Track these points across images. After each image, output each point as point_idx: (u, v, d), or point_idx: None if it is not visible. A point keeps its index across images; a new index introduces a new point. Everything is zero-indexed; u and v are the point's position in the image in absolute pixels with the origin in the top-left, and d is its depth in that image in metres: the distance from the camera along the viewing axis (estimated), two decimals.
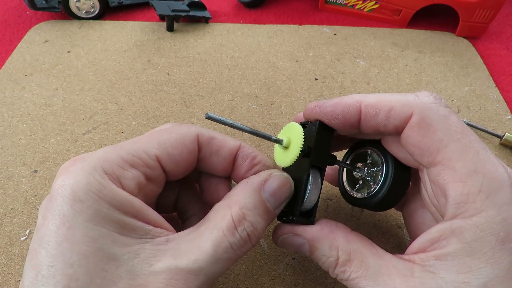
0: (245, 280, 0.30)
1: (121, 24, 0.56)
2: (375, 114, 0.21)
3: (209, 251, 0.19)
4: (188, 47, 0.52)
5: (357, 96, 0.22)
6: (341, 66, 0.50)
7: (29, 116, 0.42)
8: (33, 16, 0.58)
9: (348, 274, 0.21)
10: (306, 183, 0.23)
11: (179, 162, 0.22)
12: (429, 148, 0.20)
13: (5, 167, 0.37)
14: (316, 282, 0.30)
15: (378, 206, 0.25)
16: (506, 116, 0.44)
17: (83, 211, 0.17)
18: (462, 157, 0.19)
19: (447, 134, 0.19)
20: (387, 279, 0.20)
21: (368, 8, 0.58)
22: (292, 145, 0.23)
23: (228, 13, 0.60)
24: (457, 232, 0.18)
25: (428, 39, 0.55)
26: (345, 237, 0.22)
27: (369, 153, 0.27)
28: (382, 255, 0.21)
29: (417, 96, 0.21)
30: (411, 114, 0.20)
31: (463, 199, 0.18)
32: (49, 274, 0.16)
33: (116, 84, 0.47)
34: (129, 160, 0.20)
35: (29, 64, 0.49)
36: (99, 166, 0.19)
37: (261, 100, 0.45)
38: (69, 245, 0.17)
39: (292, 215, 0.23)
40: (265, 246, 0.32)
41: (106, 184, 0.18)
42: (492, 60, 0.52)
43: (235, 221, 0.20)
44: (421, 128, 0.20)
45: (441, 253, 0.19)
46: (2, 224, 0.33)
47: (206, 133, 0.23)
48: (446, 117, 0.20)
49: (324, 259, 0.22)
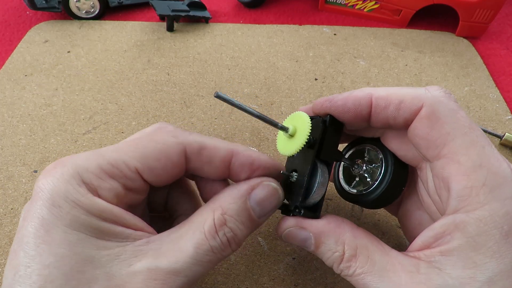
0: (245, 280, 0.30)
1: (121, 24, 0.56)
2: (385, 106, 0.21)
3: (190, 253, 0.19)
4: (188, 47, 0.52)
5: (368, 89, 0.22)
6: (341, 66, 0.50)
7: (29, 116, 0.42)
8: (33, 16, 0.58)
9: (353, 270, 0.21)
10: (314, 176, 0.23)
11: (161, 174, 0.21)
12: (435, 141, 0.20)
13: (5, 167, 0.37)
14: (316, 282, 0.30)
15: (375, 202, 0.25)
16: (506, 116, 0.44)
17: (61, 216, 0.17)
18: (467, 151, 0.19)
19: (455, 128, 0.19)
20: (392, 275, 0.19)
21: (368, 8, 0.58)
22: (298, 134, 0.23)
23: (228, 13, 0.60)
24: (460, 226, 0.18)
25: (428, 39, 0.55)
26: (351, 232, 0.22)
27: (367, 150, 0.27)
28: (388, 251, 0.21)
29: (427, 90, 0.21)
30: (421, 106, 0.20)
31: (466, 192, 0.18)
32: (25, 274, 0.17)
33: (116, 84, 0.47)
34: (107, 170, 0.19)
35: (29, 64, 0.49)
36: (77, 175, 0.19)
37: (261, 100, 0.45)
38: (46, 247, 0.17)
39: (298, 208, 0.23)
40: (265, 246, 0.32)
41: (84, 193, 0.18)
42: (492, 60, 0.52)
43: (216, 225, 0.20)
44: (429, 120, 0.20)
45: (446, 249, 0.19)
46: (2, 224, 0.33)
47: (195, 143, 0.22)
48: (455, 111, 0.20)
49: (329, 254, 0.22)
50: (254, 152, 0.24)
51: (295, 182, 0.24)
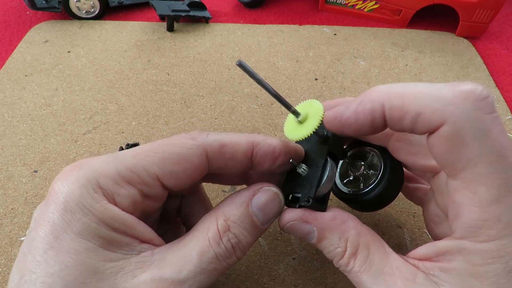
0: (245, 280, 0.30)
1: (121, 24, 0.56)
2: (400, 118, 0.18)
3: (194, 261, 0.19)
4: (188, 47, 0.52)
5: (378, 95, 0.19)
6: (341, 66, 0.50)
7: (29, 116, 0.42)
8: (33, 16, 0.58)
9: (351, 267, 0.21)
10: (324, 168, 0.23)
11: (181, 178, 0.21)
12: (454, 164, 0.17)
13: (5, 167, 0.37)
14: (317, 283, 0.30)
15: (361, 206, 0.25)
16: (506, 116, 0.44)
17: (72, 223, 0.17)
18: (488, 181, 0.17)
19: (480, 154, 0.17)
20: (388, 279, 0.20)
21: (368, 8, 0.58)
22: (308, 122, 0.22)
23: (228, 13, 0.60)
24: (464, 253, 0.18)
25: (428, 39, 0.55)
26: (355, 230, 0.22)
27: (371, 155, 0.27)
28: (389, 254, 0.21)
29: (454, 95, 0.17)
30: (443, 122, 0.17)
31: (478, 225, 0.17)
32: (30, 280, 0.17)
33: (116, 84, 0.47)
34: (126, 176, 0.19)
35: (29, 64, 0.49)
36: (94, 179, 0.18)
37: (261, 100, 0.45)
38: (53, 253, 0.17)
39: (311, 198, 0.22)
40: (265, 246, 0.32)
41: (99, 199, 0.18)
42: (492, 60, 0.52)
43: (220, 231, 0.20)
44: (450, 142, 0.17)
45: (446, 267, 0.19)
46: (2, 224, 0.33)
47: (215, 142, 0.21)
48: (486, 132, 0.16)
49: (331, 249, 0.22)
50: (273, 140, 0.23)
51: (304, 174, 0.23)
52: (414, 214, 0.34)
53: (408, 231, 0.33)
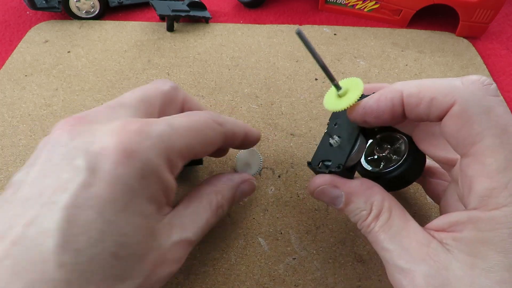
0: (246, 280, 0.30)
1: (121, 24, 0.56)
2: (416, 104, 0.21)
3: (203, 226, 0.25)
4: (188, 47, 0.52)
5: (398, 86, 0.22)
6: (341, 66, 0.50)
7: (29, 116, 0.42)
8: (33, 16, 0.58)
9: (372, 227, 0.23)
10: (355, 141, 0.25)
11: (204, 155, 0.25)
12: (464, 140, 0.20)
13: (5, 167, 0.37)
14: (317, 283, 0.30)
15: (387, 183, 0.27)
16: None
17: (145, 189, 0.20)
18: (494, 153, 0.19)
19: (486, 128, 0.19)
20: (404, 240, 0.21)
21: (368, 8, 0.58)
22: (347, 96, 0.24)
23: (228, 13, 0.60)
24: (473, 220, 0.19)
25: (428, 39, 0.55)
26: (381, 195, 0.24)
27: (400, 141, 0.29)
28: (408, 220, 0.23)
29: (462, 83, 0.20)
30: (453, 103, 0.19)
31: (487, 193, 0.19)
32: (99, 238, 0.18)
33: (117, 84, 0.47)
34: (183, 152, 0.23)
35: (29, 64, 0.49)
36: (165, 152, 0.21)
37: (261, 100, 0.45)
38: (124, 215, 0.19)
39: (338, 165, 0.25)
40: (265, 246, 0.32)
41: (166, 171, 0.21)
42: (492, 60, 0.52)
43: (218, 206, 0.26)
44: (460, 119, 0.19)
45: (458, 236, 0.20)
46: None
47: (230, 132, 0.26)
48: (490, 109, 0.19)
49: (357, 212, 0.24)
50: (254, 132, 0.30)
51: (336, 145, 0.26)
52: (414, 214, 0.34)
53: None
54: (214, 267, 0.31)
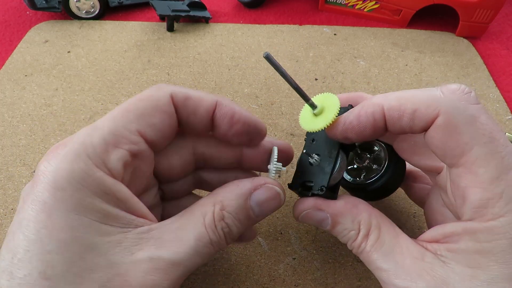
0: (246, 280, 0.30)
1: (121, 24, 0.56)
2: (399, 117, 0.20)
3: (191, 245, 0.19)
4: (188, 47, 0.52)
5: (378, 99, 0.21)
6: (341, 66, 0.50)
7: (29, 116, 0.42)
8: (33, 16, 0.58)
9: (363, 247, 0.22)
10: (336, 159, 0.24)
11: (161, 129, 0.21)
12: (452, 151, 0.19)
13: (5, 167, 0.37)
14: (317, 283, 0.30)
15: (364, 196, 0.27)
16: (506, 116, 0.44)
17: (64, 200, 0.17)
18: (486, 162, 0.18)
19: (473, 138, 0.19)
20: (398, 257, 0.20)
21: (368, 8, 0.58)
22: (324, 115, 0.23)
23: (228, 13, 0.60)
24: (470, 231, 0.19)
25: (428, 39, 0.55)
26: (367, 212, 0.23)
27: (378, 149, 0.28)
28: (398, 235, 0.22)
29: (442, 93, 0.20)
30: (437, 114, 0.19)
31: (482, 204, 0.19)
32: (25, 258, 0.16)
33: (116, 84, 0.47)
34: (112, 140, 0.19)
35: (29, 64, 0.49)
36: (82, 152, 0.18)
37: (262, 100, 0.45)
38: (48, 232, 0.16)
39: (320, 187, 0.24)
40: (265, 246, 0.32)
41: (90, 171, 0.18)
42: (492, 60, 0.52)
43: (216, 220, 0.21)
44: (446, 130, 0.19)
45: (453, 247, 0.19)
46: (2, 224, 0.33)
47: (180, 93, 0.22)
48: (475, 118, 0.19)
49: (345, 232, 0.23)
50: (237, 106, 0.23)
51: (316, 164, 0.25)
52: (414, 214, 0.34)
53: (408, 231, 0.33)
54: (214, 267, 0.31)
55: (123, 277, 0.17)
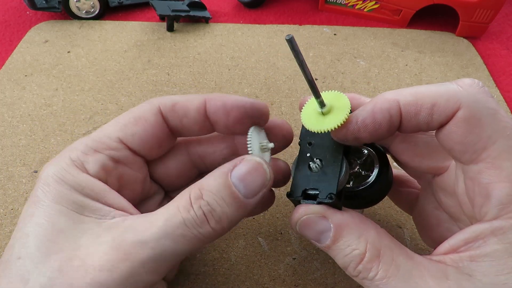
0: (246, 280, 0.30)
1: (121, 24, 0.56)
2: (416, 112, 0.19)
3: (159, 225, 0.18)
4: (188, 47, 0.52)
5: (391, 95, 0.20)
6: (341, 66, 0.50)
7: (29, 116, 0.42)
8: (33, 16, 0.58)
9: (374, 273, 0.19)
10: (342, 162, 0.22)
11: (145, 138, 0.22)
12: (474, 145, 0.18)
13: (5, 167, 0.37)
14: (317, 283, 0.30)
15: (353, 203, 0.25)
16: None
17: (48, 192, 0.19)
18: (510, 156, 0.17)
19: (496, 131, 0.18)
20: (419, 281, 0.18)
21: (368, 8, 0.58)
22: (333, 116, 0.21)
23: (228, 13, 0.60)
24: (498, 232, 0.17)
25: (428, 39, 0.55)
26: (376, 230, 0.20)
27: (366, 153, 0.26)
28: (412, 255, 0.19)
29: (460, 86, 0.19)
30: (458, 108, 0.18)
31: (509, 200, 0.17)
32: (11, 243, 0.19)
33: (116, 84, 0.47)
34: (92, 145, 0.21)
35: (29, 64, 0.49)
36: (66, 156, 0.21)
37: (261, 100, 0.45)
38: (31, 219, 0.19)
39: (329, 194, 0.21)
40: (265, 246, 0.32)
41: (70, 169, 0.20)
42: (492, 60, 0.52)
43: (192, 199, 0.19)
44: (468, 123, 0.18)
45: (477, 254, 0.18)
46: (2, 224, 0.33)
47: (168, 101, 0.23)
48: (495, 111, 0.18)
49: (348, 251, 0.19)
50: (228, 95, 0.23)
51: (316, 170, 0.22)
52: None
53: (408, 231, 0.33)
54: (214, 267, 0.31)
55: (81, 257, 0.18)
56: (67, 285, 0.17)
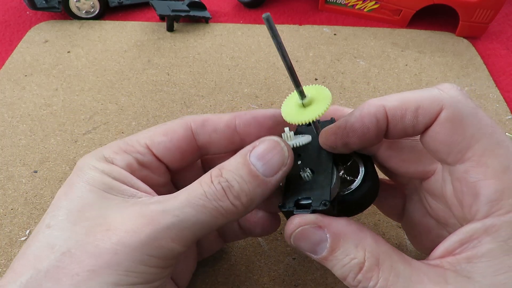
0: (245, 280, 0.30)
1: (121, 24, 0.56)
2: (402, 116, 0.19)
3: (181, 197, 0.20)
4: (188, 47, 0.52)
5: (377, 101, 0.20)
6: (341, 66, 0.50)
7: (29, 116, 0.42)
8: (33, 16, 0.58)
9: (374, 282, 0.18)
10: (333, 170, 0.22)
11: (170, 147, 0.24)
12: (458, 145, 0.18)
13: (5, 167, 0.37)
14: (317, 283, 0.30)
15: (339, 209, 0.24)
16: (506, 116, 0.44)
17: (82, 176, 0.21)
18: (494, 152, 0.18)
19: (479, 129, 0.18)
20: None
21: (368, 8, 0.58)
22: (313, 107, 0.20)
23: (228, 13, 0.60)
24: (491, 230, 0.17)
25: (428, 39, 0.55)
26: (373, 238, 0.19)
27: (351, 159, 0.25)
28: (410, 261, 0.19)
29: (442, 90, 0.19)
30: (441, 109, 0.19)
31: (498, 196, 0.17)
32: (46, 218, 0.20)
33: (116, 84, 0.47)
34: (123, 147, 0.23)
35: (29, 64, 0.49)
36: (100, 152, 0.23)
37: (261, 100, 0.45)
38: (63, 196, 0.21)
39: (323, 201, 0.20)
40: (265, 246, 0.32)
41: (100, 160, 0.22)
42: (492, 60, 0.52)
43: (212, 176, 0.20)
44: (452, 123, 0.18)
45: (473, 255, 0.18)
46: (2, 224, 0.33)
47: (199, 118, 0.25)
48: (477, 111, 0.19)
49: (346, 260, 0.19)
50: (253, 110, 0.25)
51: (308, 179, 0.22)
52: None
53: None
54: (214, 267, 0.31)
55: (108, 223, 0.19)
56: (93, 246, 0.18)
